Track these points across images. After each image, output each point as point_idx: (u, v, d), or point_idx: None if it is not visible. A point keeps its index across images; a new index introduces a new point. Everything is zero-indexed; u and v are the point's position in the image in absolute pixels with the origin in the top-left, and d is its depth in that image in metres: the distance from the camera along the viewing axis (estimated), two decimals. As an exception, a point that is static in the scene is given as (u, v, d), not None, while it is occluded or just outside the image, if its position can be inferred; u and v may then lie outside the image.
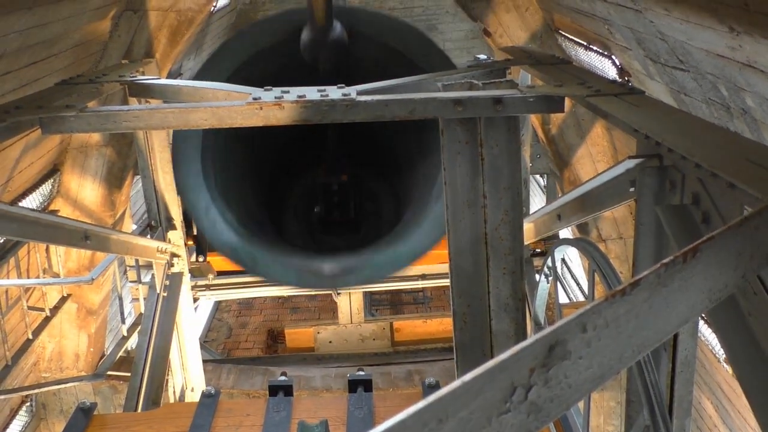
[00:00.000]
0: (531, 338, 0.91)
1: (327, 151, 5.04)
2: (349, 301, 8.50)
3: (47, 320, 6.37)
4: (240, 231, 4.22)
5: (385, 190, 5.46)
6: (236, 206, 4.45)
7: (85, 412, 3.07)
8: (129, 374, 5.46)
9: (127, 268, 6.99)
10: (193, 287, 7.08)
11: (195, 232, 6.92)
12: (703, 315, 3.71)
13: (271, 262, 4.21)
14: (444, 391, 0.81)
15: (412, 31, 4.54)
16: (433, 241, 4.17)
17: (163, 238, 5.62)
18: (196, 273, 7.30)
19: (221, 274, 7.70)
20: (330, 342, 8.62)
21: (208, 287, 7.72)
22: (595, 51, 5.61)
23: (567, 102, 3.04)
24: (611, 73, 5.37)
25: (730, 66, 3.23)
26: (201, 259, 7.02)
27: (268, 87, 3.20)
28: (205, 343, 10.41)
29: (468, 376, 0.82)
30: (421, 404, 0.78)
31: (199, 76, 4.34)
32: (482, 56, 4.45)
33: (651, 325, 1.04)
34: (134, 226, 8.06)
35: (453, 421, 0.81)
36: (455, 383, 0.82)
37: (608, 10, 4.41)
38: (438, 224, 4.10)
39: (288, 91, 3.09)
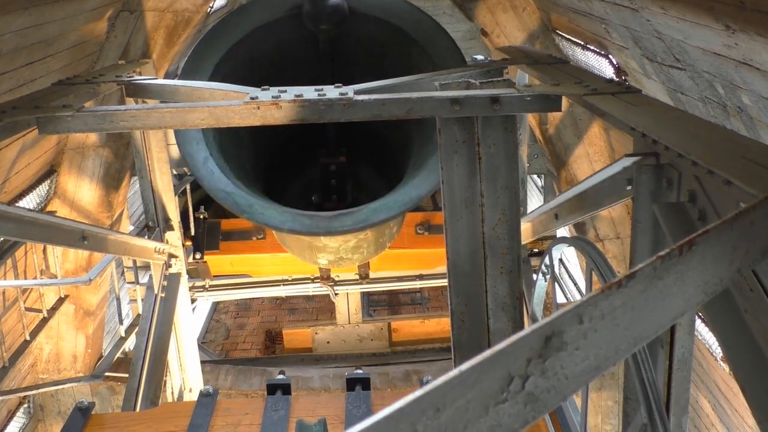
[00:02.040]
0: (528, 329, 0.92)
1: (326, 133, 5.17)
2: (347, 302, 8.50)
3: (45, 321, 6.36)
4: (236, 180, 4.30)
5: (382, 180, 5.55)
6: (234, 166, 4.54)
7: (83, 412, 3.07)
8: (127, 375, 5.46)
9: (125, 269, 6.99)
10: (191, 288, 7.08)
11: (192, 233, 6.92)
12: (700, 313, 3.71)
13: (267, 206, 4.24)
14: (442, 380, 0.82)
15: (414, 11, 4.72)
16: (427, 190, 4.28)
17: (161, 239, 5.61)
18: (193, 274, 7.30)
19: (219, 276, 7.70)
20: (328, 342, 8.61)
21: (205, 288, 7.72)
22: (592, 50, 5.62)
23: (564, 101, 3.04)
24: (608, 72, 5.38)
25: (726, 64, 3.24)
26: (198, 256, 7.01)
27: (266, 87, 3.21)
28: (203, 344, 10.41)
29: (465, 366, 0.83)
30: (419, 392, 0.79)
31: (199, 48, 4.57)
32: (479, 57, 4.47)
33: (647, 317, 1.05)
34: (131, 227, 8.05)
35: (450, 409, 0.82)
36: (453, 372, 0.83)
37: (605, 10, 4.42)
38: (432, 176, 4.21)
39: (285, 91, 3.09)
